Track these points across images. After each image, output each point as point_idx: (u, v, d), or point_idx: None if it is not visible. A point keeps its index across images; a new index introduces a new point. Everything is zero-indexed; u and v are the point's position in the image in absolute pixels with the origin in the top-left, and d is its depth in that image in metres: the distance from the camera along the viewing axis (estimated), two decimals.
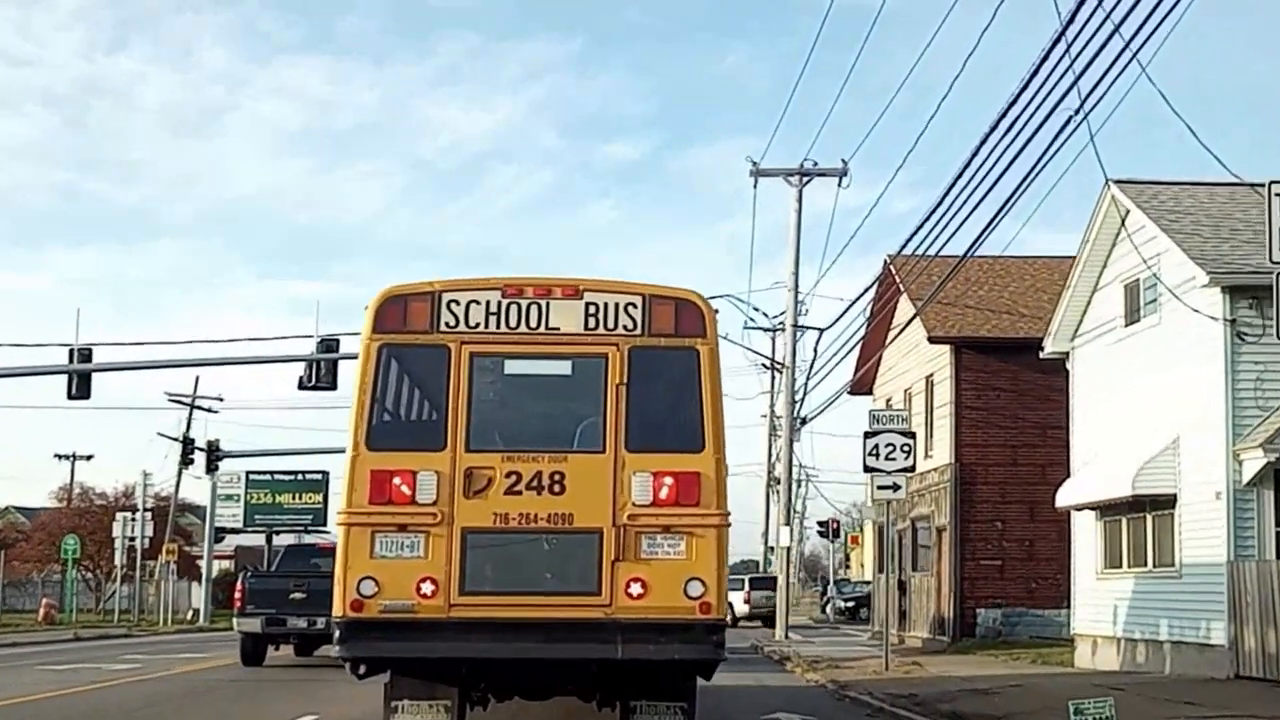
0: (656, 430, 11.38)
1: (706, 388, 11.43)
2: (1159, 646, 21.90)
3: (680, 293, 11.77)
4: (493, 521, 11.17)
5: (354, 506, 11.26)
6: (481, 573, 11.13)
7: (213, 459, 56.86)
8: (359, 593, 11.08)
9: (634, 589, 11.09)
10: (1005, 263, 36.34)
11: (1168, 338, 21.84)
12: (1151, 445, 21.76)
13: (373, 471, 11.23)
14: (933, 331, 33.23)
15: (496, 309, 11.60)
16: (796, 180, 38.62)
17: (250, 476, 63.00)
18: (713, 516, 11.28)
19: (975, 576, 32.82)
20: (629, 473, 11.23)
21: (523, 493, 11.20)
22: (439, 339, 11.51)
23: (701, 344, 11.56)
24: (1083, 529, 25.16)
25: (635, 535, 11.14)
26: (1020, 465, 32.86)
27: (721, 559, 11.33)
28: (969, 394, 33.28)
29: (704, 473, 11.26)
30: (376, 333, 11.56)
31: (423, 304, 11.59)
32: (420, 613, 11.06)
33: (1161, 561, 22.02)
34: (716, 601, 11.18)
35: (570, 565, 11.14)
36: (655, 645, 11.02)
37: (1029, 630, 31.82)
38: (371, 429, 11.40)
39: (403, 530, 11.11)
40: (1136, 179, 23.19)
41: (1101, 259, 24.19)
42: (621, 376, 11.40)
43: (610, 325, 11.55)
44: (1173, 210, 22.40)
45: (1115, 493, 22.33)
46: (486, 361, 11.58)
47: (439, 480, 11.18)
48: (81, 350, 35.14)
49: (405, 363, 11.71)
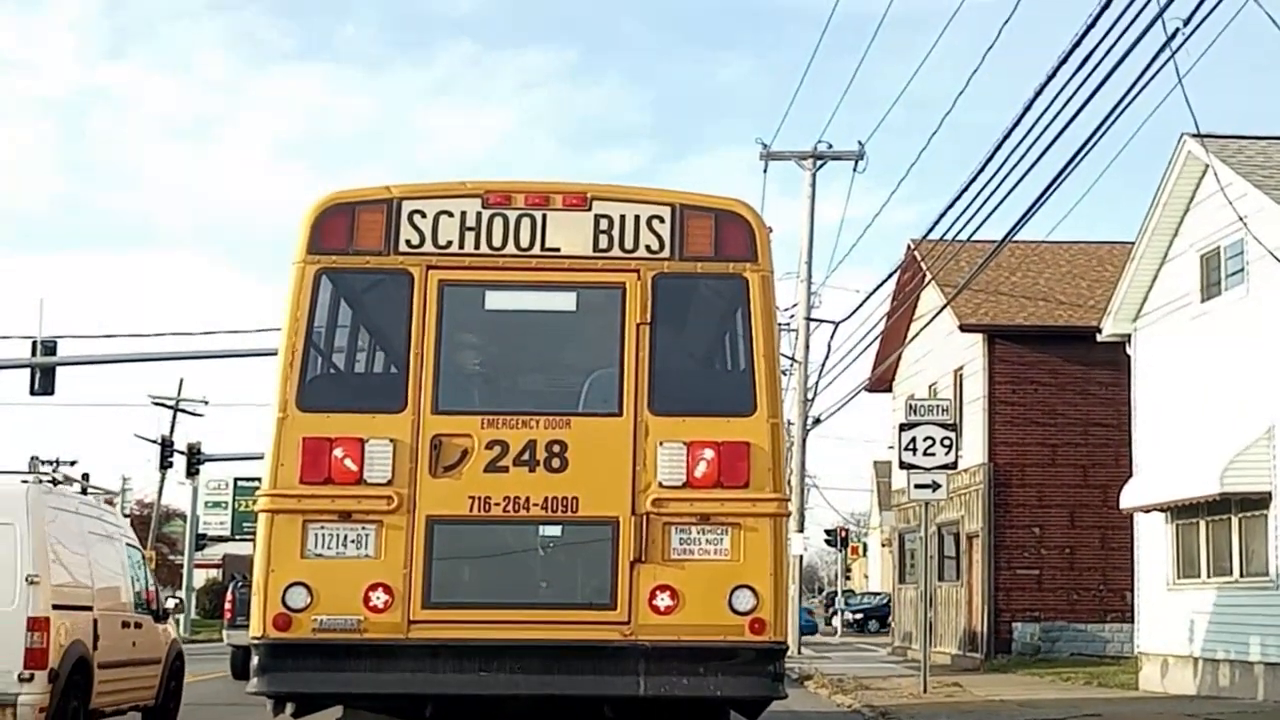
0: (691, 386, 9.18)
1: (758, 329, 8.87)
2: (1249, 668, 19.83)
3: (723, 202, 9.12)
4: (469, 508, 8.78)
5: (280, 487, 8.79)
6: (453, 579, 8.81)
7: (193, 462, 55.08)
8: (285, 605, 8.63)
9: (661, 601, 8.67)
10: (1039, 248, 34.82)
11: (1258, 311, 19.75)
12: (1241, 436, 19.61)
13: (305, 439, 8.75)
14: (964, 320, 31.39)
15: (475, 223, 9.10)
16: (810, 164, 37.40)
17: (238, 483, 62.52)
18: (768, 502, 8.82)
19: (1010, 587, 31.03)
20: (654, 443, 8.83)
21: (510, 470, 8.81)
22: (397, 262, 9.05)
23: (752, 270, 9.10)
24: (1150, 534, 23.13)
25: (663, 528, 8.75)
26: (1060, 465, 31.08)
27: (779, 559, 8.83)
28: (1003, 388, 31.55)
29: (755, 443, 8.81)
30: (313, 253, 8.94)
31: (375, 215, 9.08)
32: (369, 632, 8.64)
33: (1252, 570, 19.91)
34: (773, 618, 8.71)
35: (575, 569, 8.95)
36: (690, 678, 8.58)
37: (1070, 647, 30.17)
38: (305, 383, 8.93)
39: (346, 519, 8.75)
40: (1216, 133, 20.42)
41: (1173, 226, 22.14)
42: (644, 314, 9.05)
43: (629, 246, 9.09)
44: (1264, 166, 20.06)
45: (1198, 491, 20.18)
46: (462, 293, 9.12)
47: (396, 452, 8.78)
48: (45, 343, 34.02)
49: (352, 294, 9.34)
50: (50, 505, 12.42)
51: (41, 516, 12.03)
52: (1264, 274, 19.22)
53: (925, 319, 32.98)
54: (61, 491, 13.27)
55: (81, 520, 13.29)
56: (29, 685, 11.36)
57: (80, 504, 13.66)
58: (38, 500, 12.12)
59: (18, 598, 11.46)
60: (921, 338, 34.35)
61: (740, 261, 9.04)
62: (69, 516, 12.90)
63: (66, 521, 12.75)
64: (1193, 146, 20.53)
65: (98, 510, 14.39)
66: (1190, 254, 21.60)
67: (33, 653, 11.41)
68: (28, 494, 12.10)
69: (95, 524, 13.74)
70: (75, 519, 13.09)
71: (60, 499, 12.94)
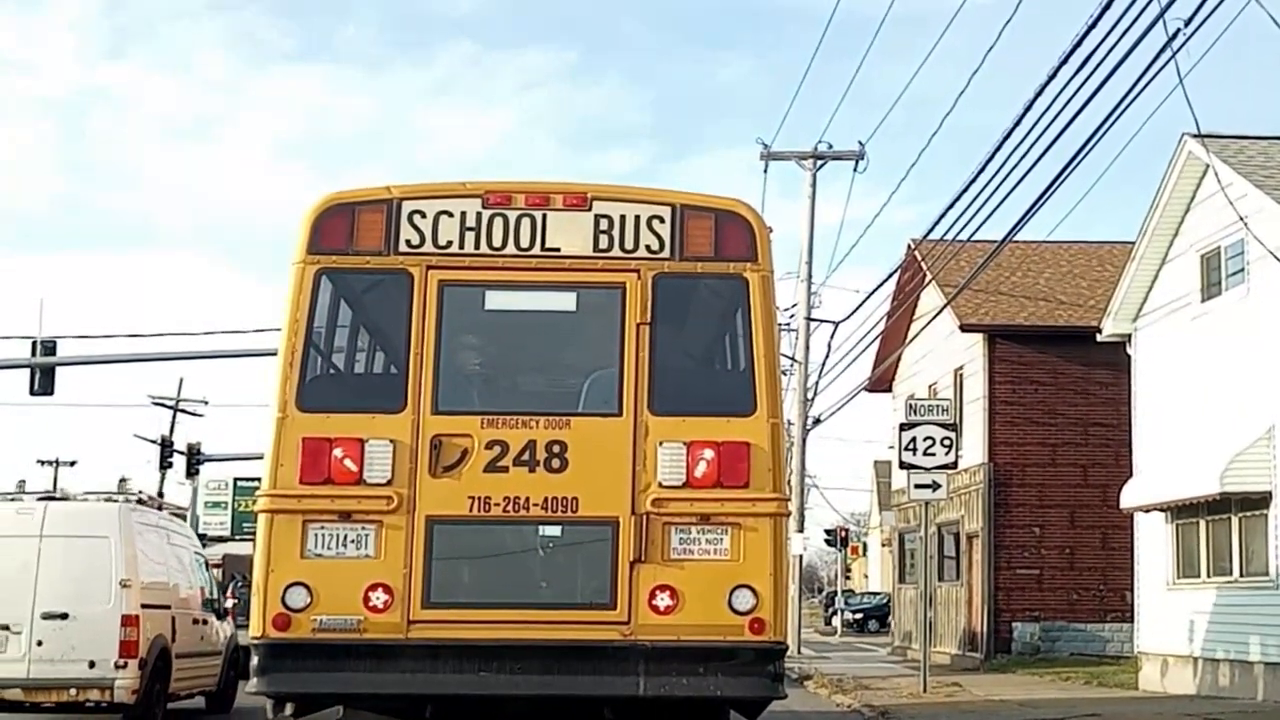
0: (691, 386, 9.11)
1: (758, 329, 8.81)
2: (1249, 668, 19.72)
3: (723, 202, 9.08)
4: (469, 508, 8.74)
5: (280, 487, 8.73)
6: (453, 579, 8.77)
7: (193, 462, 54.78)
8: (285, 605, 8.58)
9: (661, 601, 8.64)
10: (1039, 248, 34.60)
11: (1259, 311, 19.64)
12: (1241, 436, 19.51)
13: (305, 440, 8.71)
14: (964, 319, 31.25)
15: (475, 223, 9.04)
16: (810, 164, 37.13)
17: (238, 483, 62.36)
18: (767, 502, 8.78)
19: (1010, 587, 30.85)
20: (654, 443, 8.79)
21: (510, 470, 8.77)
22: (397, 262, 9.01)
23: (752, 270, 9.05)
24: (1150, 534, 23.01)
25: (663, 527, 8.71)
26: (1060, 465, 30.90)
27: (779, 559, 8.75)
28: (1003, 387, 31.37)
29: (755, 443, 8.77)
30: (313, 254, 8.90)
31: (376, 215, 9.03)
32: (369, 632, 8.61)
33: (1252, 570, 19.81)
34: (773, 618, 8.64)
35: (575, 569, 8.89)
36: (690, 678, 8.52)
37: (1070, 646, 30.00)
38: (305, 384, 8.87)
39: (346, 519, 8.71)
40: (1217, 132, 20.35)
41: (1173, 226, 22.01)
42: (644, 314, 9.01)
43: (629, 246, 9.05)
44: (1264, 166, 19.95)
45: (1198, 490, 20.10)
46: (461, 293, 9.08)
47: (396, 452, 8.74)
48: (45, 343, 33.53)
49: (351, 294, 9.29)
50: (136, 521, 14.94)
51: (130, 531, 14.56)
52: (1264, 274, 19.13)
53: (925, 319, 32.86)
54: (144, 510, 15.88)
55: (160, 533, 15.85)
56: (123, 671, 13.83)
57: (158, 519, 16.34)
58: (126, 518, 14.69)
59: (113, 599, 13.93)
60: (921, 338, 34.23)
61: (740, 261, 8.98)
62: (150, 530, 15.44)
63: (148, 535, 15.28)
64: (1193, 146, 20.44)
65: (171, 524, 17.09)
66: (1190, 254, 21.51)
67: (125, 644, 13.88)
68: (119, 513, 14.74)
69: (170, 536, 16.32)
70: (155, 532, 15.65)
71: (143, 515, 15.53)
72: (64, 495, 16.84)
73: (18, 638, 13.75)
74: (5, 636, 13.78)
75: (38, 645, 13.71)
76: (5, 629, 13.78)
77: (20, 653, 13.72)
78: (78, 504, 15.54)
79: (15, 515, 14.67)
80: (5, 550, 14.09)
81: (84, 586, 13.92)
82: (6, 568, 13.97)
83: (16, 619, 13.75)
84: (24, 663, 13.71)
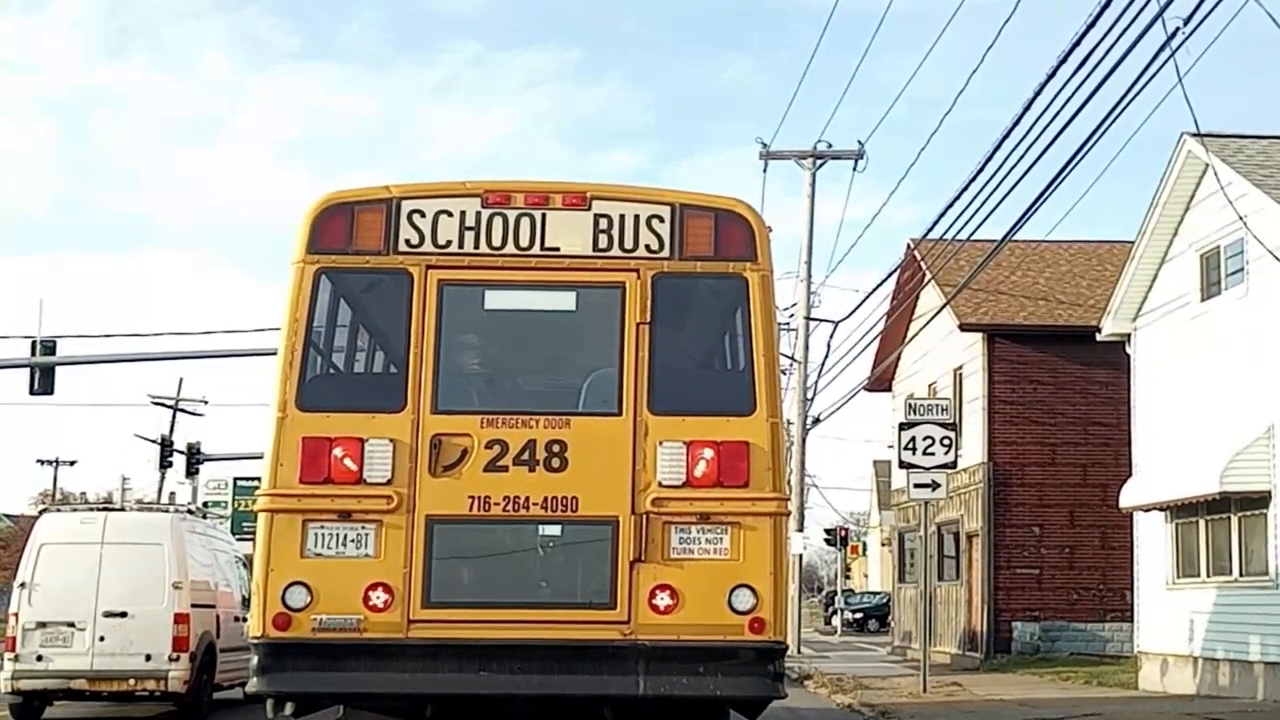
0: (691, 385, 9.09)
1: (758, 329, 8.79)
2: (1248, 668, 19.69)
3: (722, 202, 9.05)
4: (468, 508, 8.72)
5: (280, 486, 8.72)
6: (453, 578, 8.75)
7: (193, 462, 54.75)
8: (285, 604, 8.57)
9: (661, 600, 8.62)
10: (1039, 248, 34.60)
11: (1258, 310, 19.62)
12: (1240, 435, 19.48)
13: (305, 439, 8.70)
14: (964, 319, 31.27)
15: (475, 223, 9.02)
16: (810, 163, 37.12)
17: (238, 482, 62.08)
18: (767, 501, 8.75)
19: (1010, 587, 30.87)
20: (653, 442, 8.78)
21: (509, 469, 8.76)
22: (397, 262, 9.00)
23: (751, 270, 9.02)
24: (1150, 533, 22.97)
25: (663, 527, 8.69)
26: (1060, 465, 30.91)
27: (779, 559, 8.71)
28: (1003, 387, 31.39)
29: (755, 443, 8.74)
30: (312, 253, 8.87)
31: (375, 215, 8.99)
32: (369, 632, 8.60)
33: (1252, 570, 19.78)
34: (773, 617, 8.62)
35: (574, 568, 8.87)
36: (690, 678, 8.49)
37: (1070, 646, 30.00)
38: (304, 383, 8.85)
39: (346, 519, 8.68)
40: (1216, 132, 20.33)
41: (1172, 226, 21.98)
42: (644, 313, 8.98)
43: (628, 245, 9.02)
44: (1264, 165, 19.90)
45: (1197, 490, 20.06)
46: (461, 292, 9.05)
47: (395, 451, 8.73)
48: (45, 343, 33.61)
49: (351, 294, 9.29)
50: (186, 529, 16.74)
51: (181, 538, 16.37)
52: (1264, 274, 19.10)
53: (925, 318, 32.79)
54: (192, 518, 17.85)
55: (205, 539, 17.65)
56: (175, 664, 15.63)
57: (205, 527, 18.29)
58: (177, 526, 16.58)
59: (166, 599, 15.73)
60: (921, 337, 34.14)
61: (740, 261, 8.96)
62: (198, 537, 17.25)
63: (196, 541, 17.07)
64: (1193, 146, 20.42)
65: (216, 531, 19.09)
66: (1190, 253, 21.49)
67: (178, 640, 15.65)
68: (171, 522, 16.64)
69: (215, 542, 18.23)
70: (202, 539, 17.50)
71: (192, 524, 17.41)
72: (121, 506, 19.86)
73: (83, 634, 15.49)
74: (71, 633, 15.52)
75: (100, 641, 15.45)
76: (71, 626, 15.52)
77: (85, 647, 15.48)
78: (134, 514, 17.58)
79: (79, 524, 16.39)
80: (71, 556, 15.79)
81: (141, 588, 15.64)
82: (73, 572, 15.68)
83: (81, 617, 15.51)
84: (88, 656, 15.47)
